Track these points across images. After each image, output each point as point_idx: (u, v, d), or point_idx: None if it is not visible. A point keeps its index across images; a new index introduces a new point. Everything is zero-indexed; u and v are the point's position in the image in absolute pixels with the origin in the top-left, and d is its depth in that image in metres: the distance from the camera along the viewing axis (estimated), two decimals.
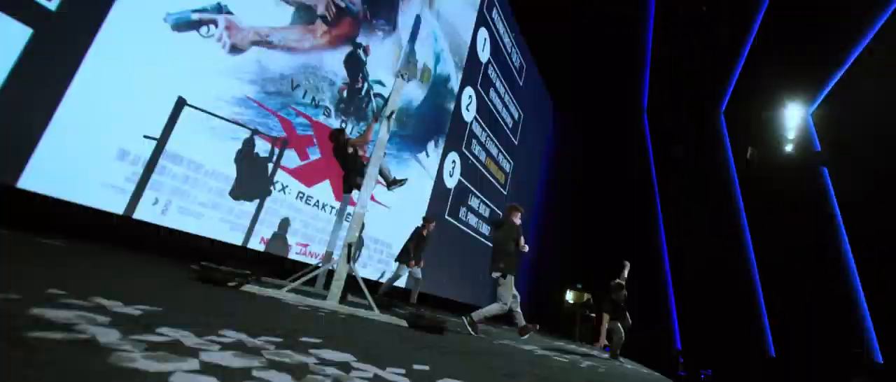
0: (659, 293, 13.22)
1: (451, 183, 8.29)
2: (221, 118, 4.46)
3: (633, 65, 13.23)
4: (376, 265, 6.61)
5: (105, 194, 3.71)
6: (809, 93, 12.04)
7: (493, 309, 4.27)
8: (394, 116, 3.25)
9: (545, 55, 12.13)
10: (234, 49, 4.55)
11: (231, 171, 4.59)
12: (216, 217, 4.52)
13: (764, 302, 12.04)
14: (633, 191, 14.21)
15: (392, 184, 4.37)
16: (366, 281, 5.47)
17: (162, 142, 4.06)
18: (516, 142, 11.00)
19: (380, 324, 2.88)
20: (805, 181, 12.35)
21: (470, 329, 4.10)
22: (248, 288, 2.82)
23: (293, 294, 2.93)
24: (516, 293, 4.64)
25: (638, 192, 14.16)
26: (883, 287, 10.87)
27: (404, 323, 3.18)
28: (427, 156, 7.54)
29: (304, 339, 1.65)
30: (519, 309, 4.75)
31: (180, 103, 4.17)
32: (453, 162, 8.27)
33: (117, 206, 3.81)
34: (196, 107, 4.26)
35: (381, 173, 4.36)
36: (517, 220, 4.66)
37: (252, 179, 4.80)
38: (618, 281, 6.66)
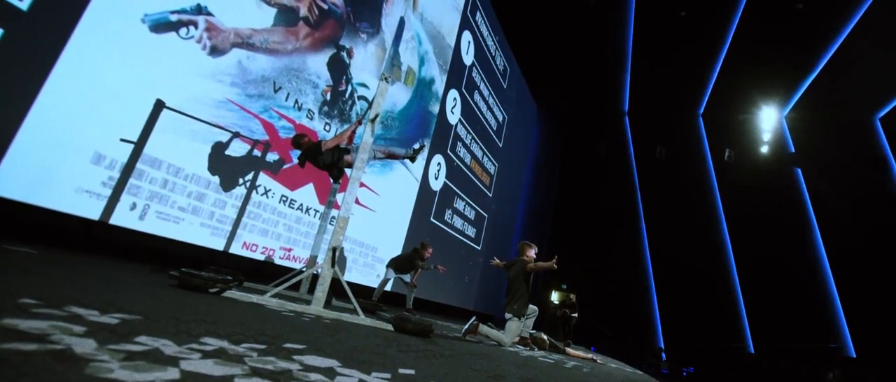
0: (641, 293, 13.44)
1: (436, 185, 8.29)
2: (201, 121, 4.38)
3: (614, 68, 13.46)
4: (361, 269, 6.57)
5: (80, 199, 3.61)
6: (783, 97, 12.43)
7: (499, 338, 4.35)
8: (378, 119, 3.24)
9: (528, 58, 12.26)
10: (215, 51, 4.48)
11: (211, 175, 4.51)
12: (197, 222, 4.43)
13: (742, 299, 12.36)
14: (615, 193, 14.44)
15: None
16: (353, 285, 5.44)
17: (140, 146, 3.97)
18: (501, 145, 11.07)
19: (365, 329, 2.86)
20: (779, 181, 12.74)
21: (466, 329, 4.14)
22: (229, 294, 2.77)
23: (276, 299, 2.90)
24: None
25: (620, 194, 14.39)
26: (855, 283, 11.27)
27: (390, 327, 3.17)
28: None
29: (287, 345, 1.63)
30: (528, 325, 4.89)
31: (159, 106, 4.08)
32: (439, 164, 8.28)
33: (93, 212, 3.70)
34: (175, 110, 4.18)
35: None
36: (531, 254, 4.82)
37: (233, 182, 4.72)
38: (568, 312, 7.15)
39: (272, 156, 5.09)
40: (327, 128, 5.75)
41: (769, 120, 12.56)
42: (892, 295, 10.68)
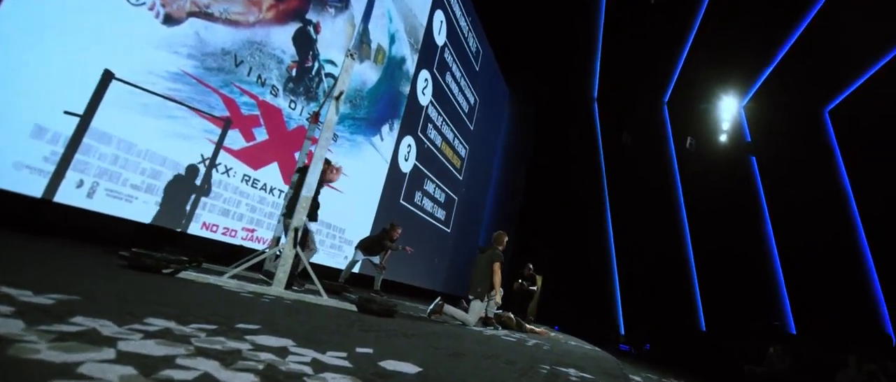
0: (605, 275, 13.93)
1: (406, 167, 8.23)
2: (155, 94, 4.14)
3: (585, 54, 13.60)
4: (329, 250, 6.48)
5: (20, 176, 3.37)
6: (742, 88, 12.94)
7: (464, 317, 4.51)
8: (343, 97, 3.15)
9: (501, 41, 12.20)
10: (169, 19, 4.22)
11: (167, 151, 4.30)
12: (151, 201, 4.23)
13: (697, 280, 13.02)
14: (583, 178, 14.77)
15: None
16: (320, 267, 5.36)
17: (86, 119, 3.72)
18: (472, 128, 11.06)
19: (327, 309, 2.84)
20: (736, 168, 13.37)
21: (431, 309, 4.21)
22: (184, 275, 2.68)
23: (235, 280, 2.82)
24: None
25: (588, 179, 14.74)
26: (796, 266, 12.07)
27: (354, 308, 3.15)
28: (382, 139, 7.42)
29: (241, 326, 1.60)
30: (493, 305, 4.97)
31: (107, 77, 3.82)
32: (409, 146, 8.20)
33: (35, 189, 3.47)
34: (125, 82, 3.93)
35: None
36: (500, 247, 5.04)
37: (191, 160, 4.52)
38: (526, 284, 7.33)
39: (234, 133, 4.89)
40: (292, 105, 5.57)
41: (729, 109, 13.07)
42: (827, 277, 11.52)
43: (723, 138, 13.01)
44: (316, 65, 5.87)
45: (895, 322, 10.86)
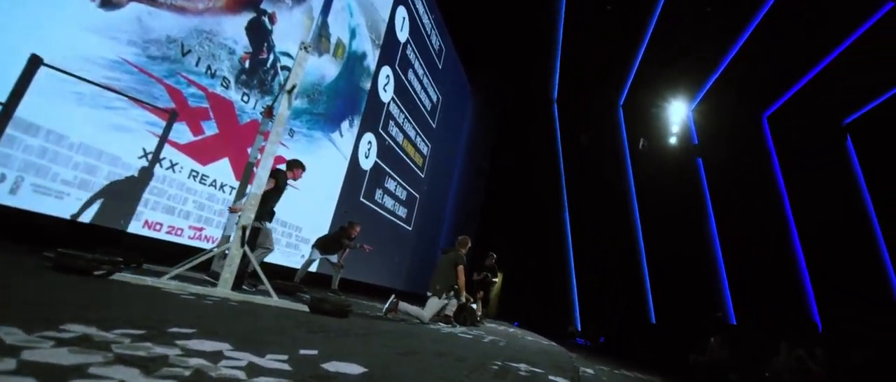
0: (563, 271, 14.33)
1: (366, 164, 8.10)
2: (91, 83, 3.85)
3: (545, 56, 13.90)
4: (285, 249, 6.29)
5: None
6: (691, 93, 13.64)
7: (419, 313, 4.51)
8: (297, 91, 3.05)
9: (464, 40, 12.25)
10: (108, 3, 3.93)
11: (104, 145, 4.01)
12: (86, 197, 3.94)
13: (648, 275, 13.65)
14: (542, 177, 15.11)
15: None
16: (275, 267, 5.18)
17: (9, 108, 3.41)
18: (435, 125, 11.05)
19: (276, 311, 2.75)
20: (685, 169, 14.12)
21: (386, 308, 4.22)
22: (119, 277, 2.51)
23: (176, 282, 2.67)
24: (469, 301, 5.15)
25: (547, 178, 15.09)
26: (737, 260, 12.90)
27: (306, 309, 3.07)
28: (341, 135, 7.26)
29: (174, 330, 1.51)
30: (454, 303, 4.99)
31: (35, 62, 3.52)
32: (369, 143, 8.08)
33: None
34: (56, 69, 3.63)
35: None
36: (463, 251, 5.12)
37: (131, 154, 4.25)
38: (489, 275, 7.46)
39: (180, 127, 4.63)
40: (245, 98, 5.34)
41: (678, 113, 13.75)
42: (763, 272, 12.40)
43: (673, 140, 13.67)
44: (271, 57, 5.66)
45: (822, 311, 11.84)
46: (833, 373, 6.14)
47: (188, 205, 4.85)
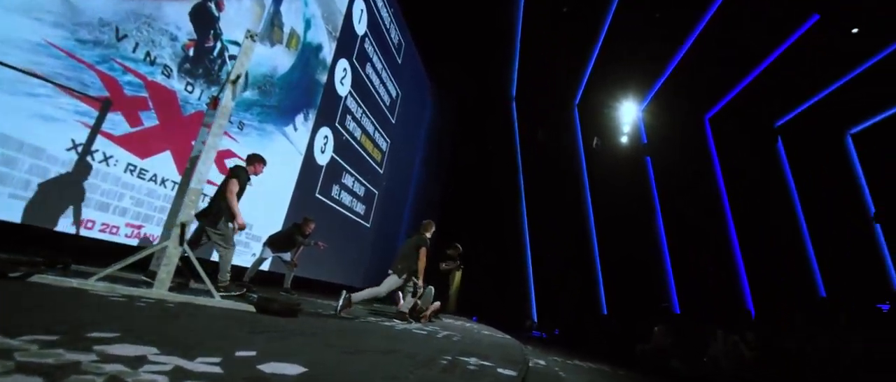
0: (520, 266, 14.65)
1: (322, 159, 7.90)
2: (10, 67, 3.51)
3: (504, 54, 14.08)
4: (237, 247, 6.02)
5: None
6: (641, 94, 14.28)
7: (373, 292, 4.56)
8: (242, 81, 2.92)
9: (424, 35, 12.19)
10: None
11: (26, 135, 3.67)
12: (4, 193, 3.59)
13: (600, 269, 14.21)
14: (501, 173, 15.36)
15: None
16: (208, 264, 4.94)
17: None
18: (394, 121, 10.93)
19: (218, 312, 2.62)
20: (635, 167, 14.79)
21: (340, 306, 4.17)
22: (39, 278, 2.31)
23: (106, 283, 2.49)
24: (420, 289, 5.11)
25: (505, 174, 15.35)
26: (681, 254, 13.67)
27: (252, 309, 2.96)
28: (295, 129, 7.03)
29: (94, 334, 1.40)
30: (410, 300, 4.95)
31: None
32: (325, 137, 7.87)
33: None
34: None
35: None
36: (428, 235, 5.18)
37: (59, 146, 3.91)
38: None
39: (115, 117, 4.31)
40: (190, 88, 5.05)
41: (629, 113, 14.36)
42: (704, 264, 13.24)
43: (624, 140, 14.27)
44: (218, 45, 5.38)
45: (755, 300, 12.79)
46: (762, 357, 6.66)
47: (125, 202, 4.54)
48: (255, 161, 4.49)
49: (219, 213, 4.00)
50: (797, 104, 13.18)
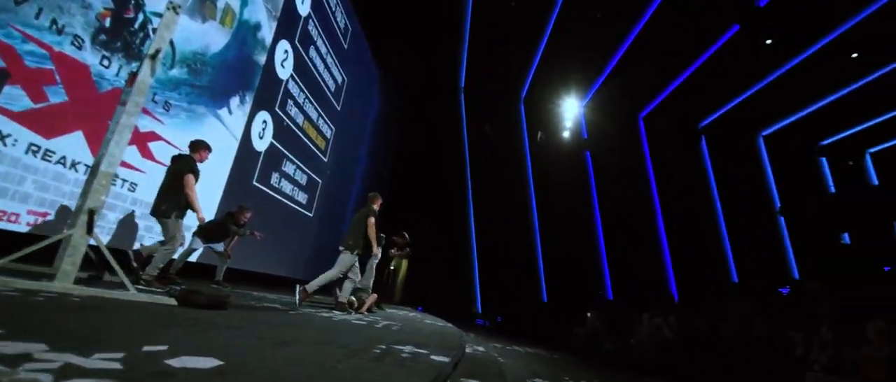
0: (466, 255, 14.90)
1: (260, 145, 7.51)
2: None
3: (453, 45, 14.11)
4: (157, 237, 5.59)
5: None
6: (582, 91, 14.90)
7: (327, 276, 4.59)
8: (161, 56, 2.69)
9: (372, 22, 11.90)
10: None
11: None
12: None
13: (542, 258, 14.79)
14: (448, 165, 15.46)
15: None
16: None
17: None
18: (339, 108, 10.61)
19: (131, 305, 2.43)
20: (576, 161, 15.46)
21: (298, 300, 4.27)
22: None
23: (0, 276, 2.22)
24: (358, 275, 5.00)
25: (452, 166, 15.48)
26: (615, 243, 14.54)
27: (174, 302, 2.77)
28: (230, 113, 6.62)
29: None
30: (348, 286, 4.83)
31: None
32: (264, 122, 7.48)
33: None
34: None
35: None
36: (376, 207, 5.15)
37: None
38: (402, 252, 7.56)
39: (13, 90, 3.83)
40: (105, 62, 4.58)
41: (572, 110, 14.96)
42: (634, 254, 14.19)
43: (566, 135, 14.86)
44: (140, 17, 4.93)
45: (678, 286, 13.91)
46: (681, 337, 7.26)
47: (27, 186, 4.06)
48: (200, 147, 4.42)
49: (172, 207, 4.01)
50: (718, 106, 14.37)
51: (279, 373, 1.38)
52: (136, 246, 5.10)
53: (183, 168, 4.12)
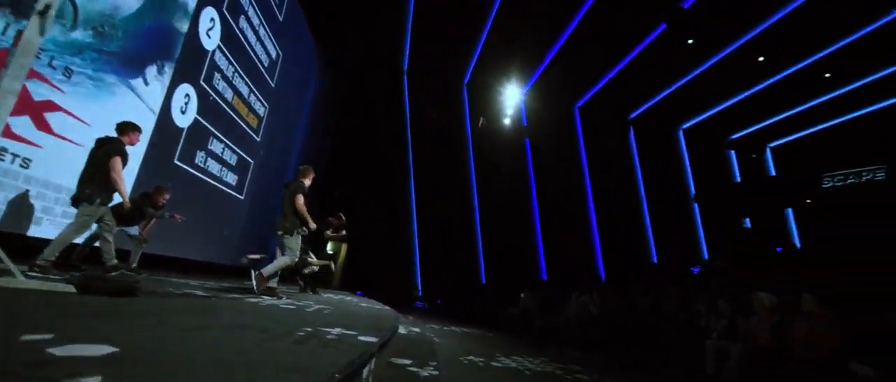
0: (407, 239, 14.92)
1: (183, 121, 6.93)
2: None
3: (396, 27, 13.81)
4: (60, 220, 5.02)
5: None
6: (523, 79, 15.26)
7: (280, 263, 4.45)
8: (51, 12, 2.38)
9: None
10: None
11: None
12: None
13: (481, 242, 15.18)
14: (389, 148, 15.27)
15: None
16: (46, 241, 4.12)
17: None
18: (274, 84, 10.05)
19: (16, 294, 2.18)
20: (516, 148, 15.92)
21: (255, 286, 4.12)
22: None
23: None
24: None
25: (393, 149, 15.31)
26: (549, 226, 15.24)
27: (72, 290, 2.52)
28: (146, 83, 6.02)
29: None
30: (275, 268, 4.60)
31: None
32: (187, 96, 6.90)
33: None
34: None
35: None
36: (306, 182, 4.89)
37: None
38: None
39: None
40: None
41: (513, 97, 15.30)
42: (566, 236, 15.00)
43: (507, 122, 15.21)
44: None
45: (606, 267, 14.91)
46: (604, 313, 7.81)
47: None
48: (129, 129, 4.15)
49: (97, 193, 3.76)
50: (646, 100, 15.39)
51: (181, 359, 1.31)
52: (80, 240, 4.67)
53: (111, 150, 3.85)
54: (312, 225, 4.69)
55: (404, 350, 3.45)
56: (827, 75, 12.30)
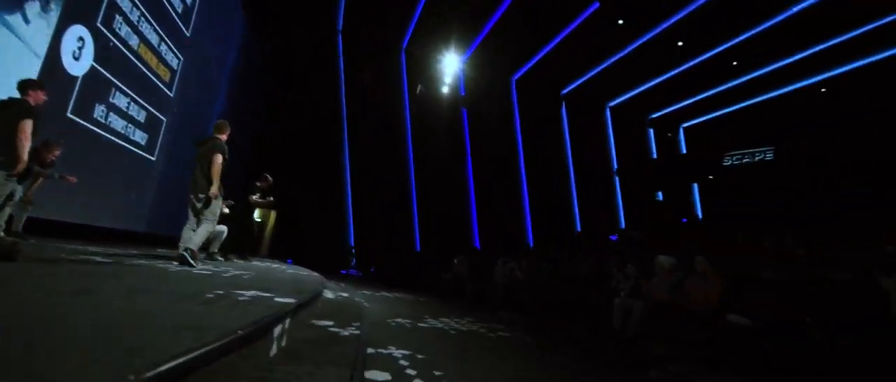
0: (340, 206, 14.61)
1: (76, 69, 6.05)
2: None
3: None
4: None
5: None
6: (463, 47, 15.18)
7: (202, 232, 4.20)
8: None
9: None
10: None
11: None
12: None
13: (416, 208, 15.27)
14: (322, 111, 14.63)
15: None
16: None
17: None
18: (189, 34, 9.07)
19: None
20: (452, 116, 15.96)
21: (191, 261, 3.83)
22: None
23: None
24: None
25: (326, 112, 14.69)
26: (482, 196, 15.68)
27: None
28: (26, 22, 5.15)
29: None
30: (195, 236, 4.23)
31: None
32: (80, 39, 6.01)
33: None
34: None
35: None
36: (223, 136, 4.58)
37: None
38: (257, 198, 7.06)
39: None
40: None
41: (452, 65, 15.20)
42: (498, 206, 15.56)
43: (445, 90, 15.15)
44: None
45: (534, 234, 15.72)
46: (530, 277, 8.28)
47: None
48: (34, 87, 3.78)
49: (5, 163, 3.46)
50: (577, 77, 16.04)
51: (65, 323, 1.18)
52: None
53: (22, 113, 3.50)
54: (215, 191, 4.21)
55: (328, 313, 3.42)
56: (734, 63, 13.56)
